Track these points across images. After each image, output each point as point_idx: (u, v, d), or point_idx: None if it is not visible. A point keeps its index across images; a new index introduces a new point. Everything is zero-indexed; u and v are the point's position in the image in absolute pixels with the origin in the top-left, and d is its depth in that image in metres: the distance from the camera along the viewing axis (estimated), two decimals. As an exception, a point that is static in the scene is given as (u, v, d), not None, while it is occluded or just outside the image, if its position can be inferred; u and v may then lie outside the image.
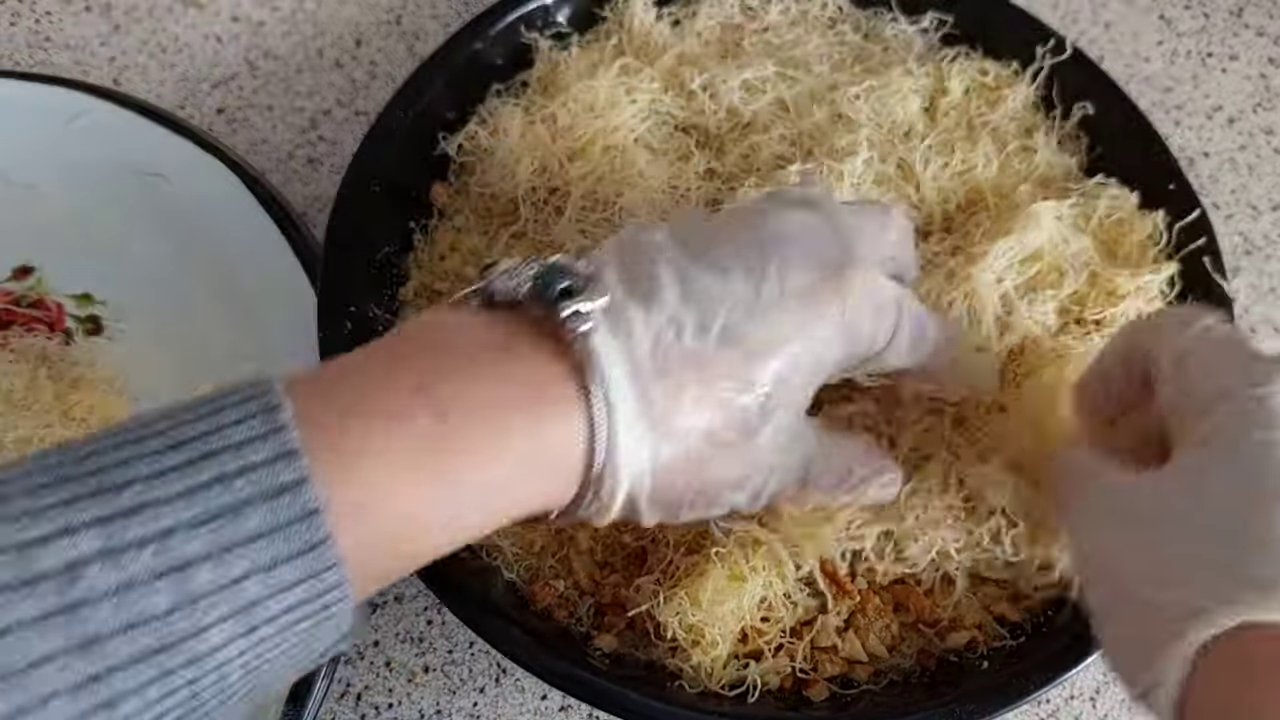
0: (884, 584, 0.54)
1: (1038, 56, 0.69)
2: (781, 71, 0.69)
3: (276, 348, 0.63)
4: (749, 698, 0.51)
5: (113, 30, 0.80)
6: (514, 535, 0.56)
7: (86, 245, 0.67)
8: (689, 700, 0.50)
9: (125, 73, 0.78)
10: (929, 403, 0.56)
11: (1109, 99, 0.68)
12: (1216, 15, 0.83)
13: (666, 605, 0.51)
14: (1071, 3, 0.84)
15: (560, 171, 0.65)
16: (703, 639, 0.51)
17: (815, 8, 0.73)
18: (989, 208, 0.64)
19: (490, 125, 0.66)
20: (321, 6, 0.82)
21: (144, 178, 0.67)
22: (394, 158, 0.64)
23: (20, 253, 0.67)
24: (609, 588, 0.55)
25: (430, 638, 0.60)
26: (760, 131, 0.67)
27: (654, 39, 0.70)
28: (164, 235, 0.67)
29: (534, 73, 0.70)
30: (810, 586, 0.53)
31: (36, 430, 0.55)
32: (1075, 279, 0.60)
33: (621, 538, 0.55)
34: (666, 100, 0.68)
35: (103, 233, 0.67)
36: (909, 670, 0.53)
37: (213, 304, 0.65)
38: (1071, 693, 0.59)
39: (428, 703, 0.58)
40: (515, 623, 0.51)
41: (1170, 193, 0.63)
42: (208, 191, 0.66)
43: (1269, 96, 0.80)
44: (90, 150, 0.68)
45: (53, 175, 0.68)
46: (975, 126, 0.68)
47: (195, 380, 0.63)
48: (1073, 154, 0.68)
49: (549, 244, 0.63)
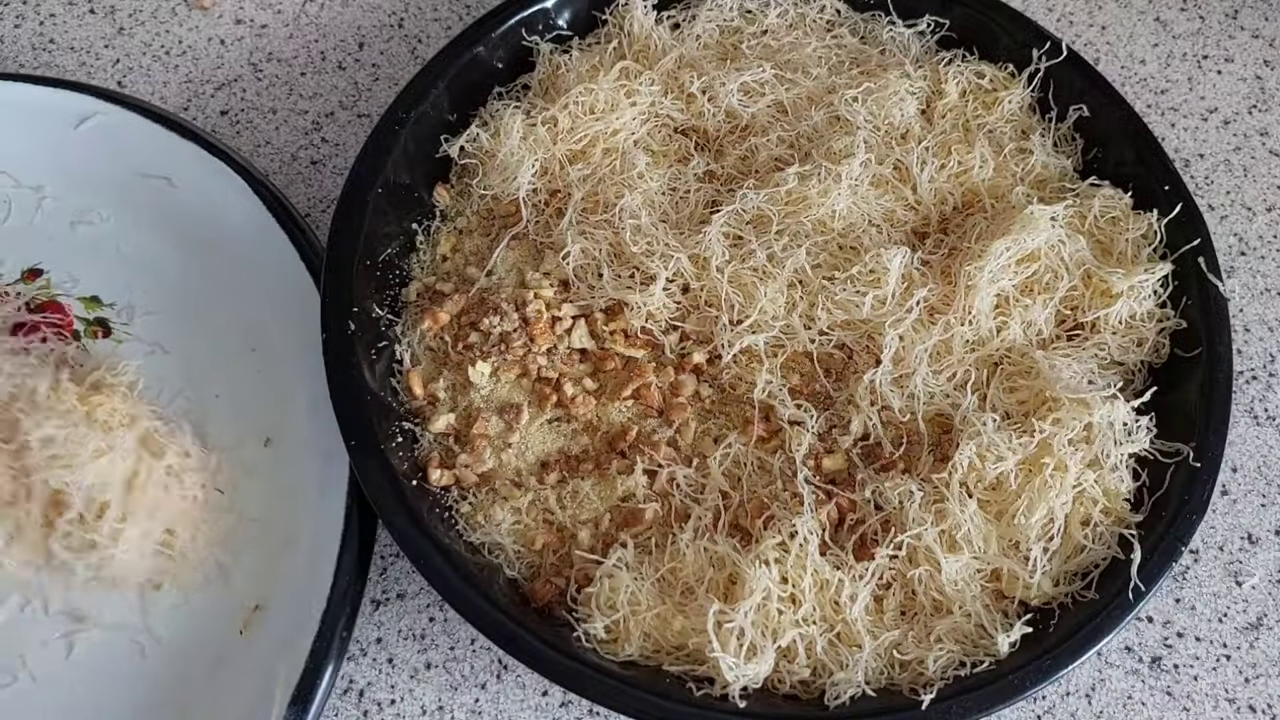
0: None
1: (1034, 59, 0.70)
2: (780, 74, 0.69)
3: (281, 349, 0.64)
4: (752, 695, 0.51)
5: (117, 33, 0.81)
6: (515, 533, 0.57)
7: (93, 248, 0.68)
8: (688, 696, 0.51)
9: (129, 75, 0.79)
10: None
11: (1104, 101, 0.68)
12: (1212, 18, 0.84)
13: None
14: (1067, 5, 0.84)
15: (561, 173, 0.66)
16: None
17: (813, 11, 0.74)
18: (985, 209, 0.65)
19: (492, 128, 0.67)
20: (324, 10, 0.83)
21: (149, 180, 0.68)
22: (396, 160, 0.65)
23: (29, 255, 0.68)
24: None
25: (432, 635, 0.60)
26: (759, 134, 0.67)
27: (654, 42, 0.71)
28: (170, 237, 0.68)
29: (535, 76, 0.71)
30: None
31: (61, 430, 0.56)
32: (1070, 278, 0.61)
33: (621, 536, 0.56)
34: (666, 103, 0.69)
35: (109, 235, 0.68)
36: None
37: (219, 305, 0.66)
38: (1067, 689, 0.60)
39: (429, 699, 0.59)
40: (516, 619, 0.52)
41: (1165, 193, 0.64)
42: (213, 194, 0.67)
43: (1264, 98, 0.80)
44: (97, 153, 0.69)
45: (60, 178, 0.69)
46: (972, 129, 0.68)
47: (202, 381, 0.65)
48: (1068, 155, 0.69)
49: (550, 245, 0.64)
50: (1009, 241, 0.60)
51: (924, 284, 0.61)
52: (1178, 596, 0.63)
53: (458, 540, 0.56)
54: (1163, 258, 0.63)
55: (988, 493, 0.56)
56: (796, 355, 0.60)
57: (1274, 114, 0.80)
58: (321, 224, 0.73)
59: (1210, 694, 0.60)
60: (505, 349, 0.60)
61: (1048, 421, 0.55)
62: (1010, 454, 0.55)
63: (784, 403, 0.59)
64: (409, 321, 0.63)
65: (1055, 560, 0.55)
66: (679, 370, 0.60)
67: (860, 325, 0.60)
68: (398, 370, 0.62)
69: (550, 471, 0.58)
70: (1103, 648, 0.53)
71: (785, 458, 0.58)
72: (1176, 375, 0.60)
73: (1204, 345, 0.59)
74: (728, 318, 0.60)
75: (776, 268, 0.60)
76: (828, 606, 0.53)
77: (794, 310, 0.60)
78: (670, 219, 0.64)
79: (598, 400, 0.60)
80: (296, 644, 0.54)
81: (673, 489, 0.57)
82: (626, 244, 0.61)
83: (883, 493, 0.55)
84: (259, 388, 0.63)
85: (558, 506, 0.57)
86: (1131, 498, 0.57)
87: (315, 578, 0.55)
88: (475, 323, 0.61)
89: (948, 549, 0.54)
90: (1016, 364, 0.60)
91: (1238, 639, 0.61)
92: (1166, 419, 0.58)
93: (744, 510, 0.56)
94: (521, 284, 0.63)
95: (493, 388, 0.60)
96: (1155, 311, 0.62)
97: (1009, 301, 0.61)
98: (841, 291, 0.60)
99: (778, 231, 0.62)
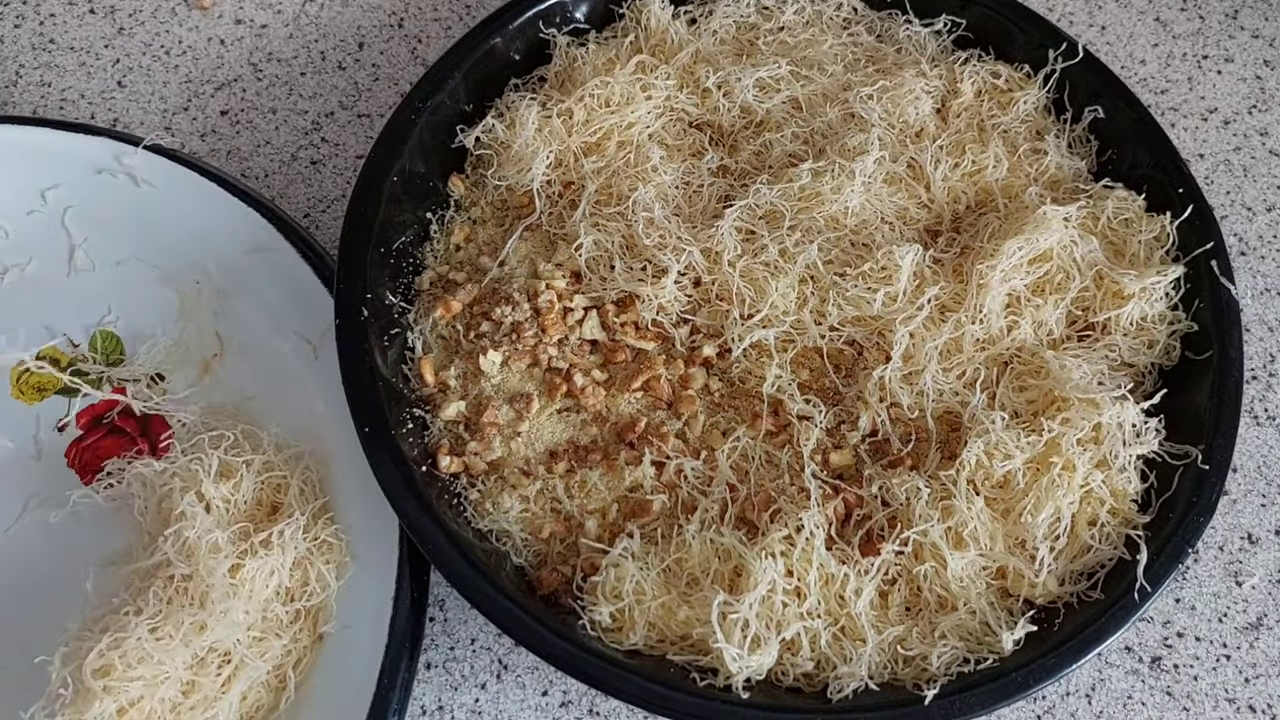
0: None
1: (1050, 60, 0.70)
2: (795, 71, 0.69)
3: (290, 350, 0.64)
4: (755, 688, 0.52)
5: (117, 33, 0.81)
6: (523, 521, 0.57)
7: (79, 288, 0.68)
8: (691, 686, 0.51)
9: (129, 75, 0.79)
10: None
11: (1120, 103, 0.68)
12: (1212, 18, 0.84)
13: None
14: (1067, 5, 0.84)
15: (575, 165, 0.66)
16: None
17: (830, 9, 0.74)
18: (998, 208, 0.65)
19: (507, 119, 0.67)
20: (324, 10, 0.83)
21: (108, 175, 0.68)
22: (412, 149, 0.65)
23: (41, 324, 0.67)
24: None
25: (432, 634, 0.60)
26: (773, 129, 0.68)
27: (670, 37, 0.71)
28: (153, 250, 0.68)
29: (551, 68, 0.71)
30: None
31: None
32: (1082, 279, 0.61)
33: (628, 526, 0.56)
34: (681, 97, 0.69)
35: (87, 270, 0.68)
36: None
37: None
38: (1067, 689, 0.60)
39: (430, 699, 0.59)
40: (522, 606, 0.52)
41: (1178, 196, 0.64)
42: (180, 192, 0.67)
43: (1264, 98, 0.80)
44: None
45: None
46: (986, 128, 0.68)
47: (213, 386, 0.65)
48: (1083, 157, 0.69)
49: (563, 236, 0.64)
50: (1021, 241, 0.60)
51: (935, 282, 0.61)
52: (1178, 596, 0.63)
53: (466, 527, 0.57)
54: (1175, 260, 0.63)
55: (995, 491, 0.56)
56: (806, 350, 0.60)
57: (1274, 114, 0.80)
58: (322, 224, 0.73)
59: (1210, 694, 0.60)
60: (516, 339, 0.60)
61: (1056, 421, 0.55)
62: (1018, 452, 0.55)
63: (793, 397, 0.59)
64: (422, 309, 0.64)
65: (1061, 559, 0.55)
66: (689, 363, 0.61)
67: (871, 322, 0.60)
68: (410, 357, 0.62)
69: (559, 461, 0.58)
70: (1107, 648, 0.53)
71: (793, 452, 0.58)
72: (1187, 378, 0.60)
73: (1215, 348, 0.59)
74: (738, 312, 0.60)
75: (788, 263, 0.61)
76: (832, 600, 0.53)
77: (805, 306, 0.60)
78: (683, 212, 0.64)
79: (607, 391, 0.60)
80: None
81: (680, 481, 0.57)
82: (639, 237, 0.62)
83: (890, 489, 0.56)
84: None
85: (565, 496, 0.58)
86: (1139, 499, 0.57)
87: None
88: (487, 312, 0.62)
89: (954, 546, 0.54)
90: (1026, 363, 0.60)
91: (1238, 639, 0.62)
92: (1176, 421, 0.58)
93: (751, 503, 0.56)
94: (534, 274, 0.63)
95: (503, 377, 0.61)
96: (1166, 314, 0.62)
97: (1020, 301, 0.61)
98: (853, 288, 0.60)
99: (790, 227, 0.62)
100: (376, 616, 0.55)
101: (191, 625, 0.53)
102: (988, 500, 0.56)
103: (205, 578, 0.54)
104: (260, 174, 0.75)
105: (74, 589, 0.57)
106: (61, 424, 0.64)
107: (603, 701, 0.59)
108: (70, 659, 0.52)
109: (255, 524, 0.57)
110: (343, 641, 0.56)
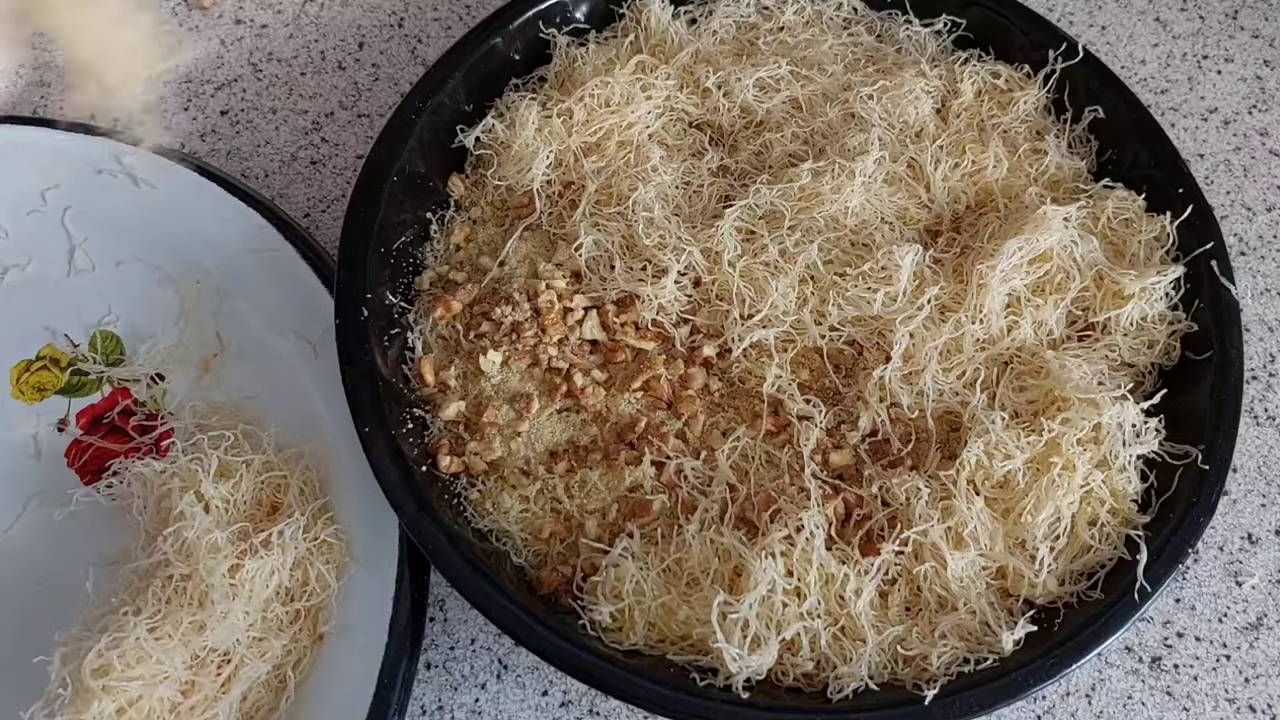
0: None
1: (1050, 60, 0.70)
2: (795, 71, 0.69)
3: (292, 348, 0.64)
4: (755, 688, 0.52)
5: None
6: (523, 521, 0.57)
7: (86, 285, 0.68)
8: (691, 686, 0.51)
9: (130, 74, 0.79)
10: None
11: (1120, 103, 0.68)
12: (1212, 18, 0.84)
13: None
14: (1067, 5, 0.84)
15: (575, 165, 0.66)
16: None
17: (830, 9, 0.74)
18: (998, 209, 0.65)
19: (507, 119, 0.67)
20: (324, 10, 0.83)
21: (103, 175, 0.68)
22: (412, 149, 0.65)
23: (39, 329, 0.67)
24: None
25: (432, 634, 0.60)
26: (773, 129, 0.68)
27: (670, 37, 0.71)
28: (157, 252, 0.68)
29: (551, 68, 0.71)
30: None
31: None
32: (1082, 279, 0.61)
33: (628, 526, 0.56)
34: (681, 97, 0.69)
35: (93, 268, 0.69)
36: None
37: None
38: (1067, 689, 0.60)
39: (430, 699, 0.59)
40: (522, 606, 0.52)
41: (1178, 196, 0.64)
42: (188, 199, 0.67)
43: (1264, 98, 0.80)
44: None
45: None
46: (986, 128, 0.68)
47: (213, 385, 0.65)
48: (1083, 157, 0.69)
49: (563, 236, 0.64)
50: (1021, 241, 0.60)
51: (935, 282, 0.61)
52: (1178, 596, 0.63)
53: (465, 527, 0.57)
54: (1175, 260, 0.63)
55: (995, 491, 0.56)
56: (806, 350, 0.60)
57: (1274, 114, 0.80)
58: (322, 224, 0.73)
59: (1210, 694, 0.60)
60: (516, 339, 0.60)
61: (1056, 421, 0.55)
62: (1018, 452, 0.55)
63: (793, 397, 0.59)
64: (422, 309, 0.64)
65: (1061, 559, 0.55)
66: (689, 363, 0.61)
67: (871, 322, 0.60)
68: (410, 357, 0.62)
69: (559, 461, 0.58)
70: (1107, 648, 0.53)
71: (793, 452, 0.58)
72: (1187, 378, 0.60)
73: (1215, 348, 0.59)
74: (738, 312, 0.60)
75: (788, 263, 0.61)
76: (832, 601, 0.53)
77: (805, 306, 0.60)
78: (683, 213, 0.64)
79: (607, 391, 0.60)
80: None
81: (680, 481, 0.57)
82: (639, 237, 0.62)
83: (890, 489, 0.56)
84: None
85: (565, 496, 0.58)
86: (1139, 499, 0.57)
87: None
88: (487, 312, 0.62)
89: (954, 546, 0.54)
90: (1026, 363, 0.60)
91: (1238, 639, 0.62)
92: (1176, 421, 0.58)
93: (751, 503, 0.56)
94: (534, 274, 0.63)
95: (503, 377, 0.61)
96: (1166, 314, 0.62)
97: (1020, 301, 0.61)
98: (853, 288, 0.60)
99: (790, 227, 0.62)
100: (376, 616, 0.55)
101: (191, 625, 0.53)
102: (988, 500, 0.56)
103: (205, 578, 0.54)
104: (260, 174, 0.75)
105: (74, 589, 0.57)
106: (61, 424, 0.64)
107: (603, 701, 0.59)
108: (69, 659, 0.52)
109: (255, 524, 0.57)
110: (343, 641, 0.56)
